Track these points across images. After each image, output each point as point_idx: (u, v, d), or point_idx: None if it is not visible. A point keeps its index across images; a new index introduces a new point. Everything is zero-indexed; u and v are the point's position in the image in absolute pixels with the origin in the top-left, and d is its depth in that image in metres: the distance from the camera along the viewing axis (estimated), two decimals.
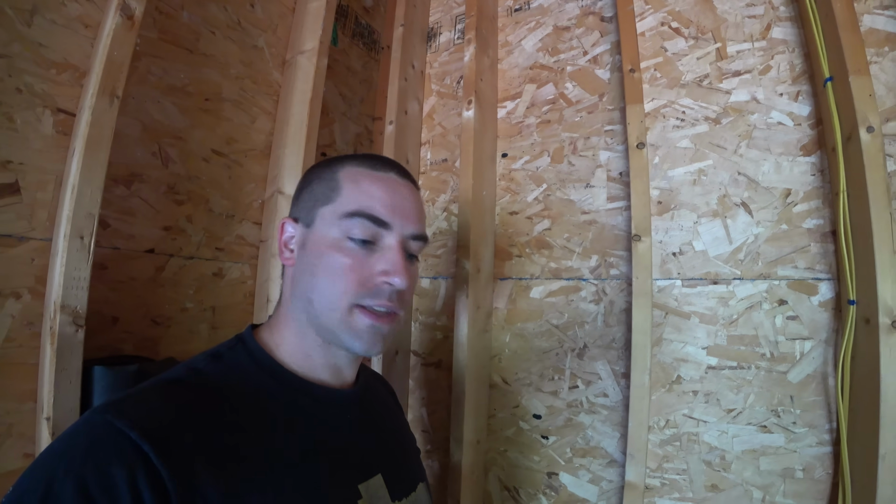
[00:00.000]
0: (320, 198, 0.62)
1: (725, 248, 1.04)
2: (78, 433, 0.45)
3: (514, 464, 1.21)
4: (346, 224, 0.59)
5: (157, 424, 0.46)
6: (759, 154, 1.04)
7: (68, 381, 0.77)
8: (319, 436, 0.59)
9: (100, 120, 0.81)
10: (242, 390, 0.56)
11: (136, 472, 0.42)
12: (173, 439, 0.46)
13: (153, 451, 0.43)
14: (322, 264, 0.59)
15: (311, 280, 0.59)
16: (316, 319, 0.59)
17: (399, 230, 0.60)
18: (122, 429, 0.43)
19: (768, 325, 0.99)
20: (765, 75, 1.05)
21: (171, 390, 0.53)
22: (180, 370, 0.56)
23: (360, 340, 0.58)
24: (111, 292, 0.91)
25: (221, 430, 0.50)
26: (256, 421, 0.54)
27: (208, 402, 0.52)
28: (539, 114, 1.30)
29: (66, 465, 0.41)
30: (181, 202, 1.02)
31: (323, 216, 0.61)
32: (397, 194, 0.62)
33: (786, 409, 0.96)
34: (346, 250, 0.58)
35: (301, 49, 1.17)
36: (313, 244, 0.61)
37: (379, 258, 0.59)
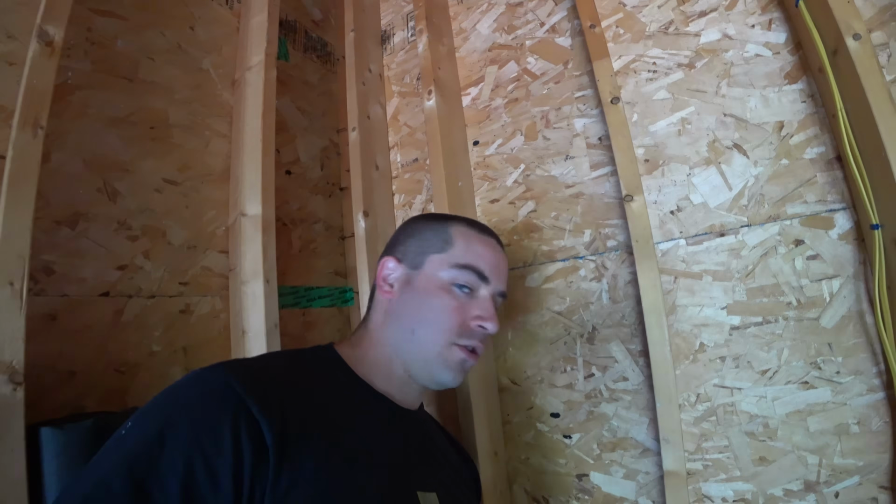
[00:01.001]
0: (433, 244, 0.73)
1: (726, 195, 0.96)
2: (191, 382, 0.52)
3: (539, 471, 1.10)
4: (457, 273, 0.70)
5: (260, 382, 0.54)
6: (743, 91, 0.96)
7: (10, 450, 0.67)
8: (381, 440, 0.64)
9: (23, 153, 0.75)
10: (326, 380, 0.65)
11: (239, 420, 0.48)
12: (273, 397, 0.53)
13: (255, 404, 0.50)
14: (430, 303, 0.69)
15: (417, 314, 0.69)
16: (412, 348, 0.68)
17: (494, 285, 0.72)
18: (230, 381, 0.51)
19: (788, 269, 0.89)
20: (732, 10, 0.99)
21: (269, 360, 0.64)
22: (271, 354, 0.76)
23: (451, 372, 0.68)
24: (65, 344, 0.83)
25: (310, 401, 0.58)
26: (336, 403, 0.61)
27: (300, 377, 0.61)
28: (505, 94, 1.24)
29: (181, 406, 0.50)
30: (135, 238, 0.95)
31: (433, 262, 0.72)
32: (496, 257, 0.74)
33: (826, 359, 0.85)
34: (454, 294, 0.69)
35: (248, 65, 1.12)
36: (422, 285, 0.71)
37: (476, 305, 0.70)
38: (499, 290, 0.73)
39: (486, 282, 0.71)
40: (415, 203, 1.35)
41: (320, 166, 1.33)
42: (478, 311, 0.69)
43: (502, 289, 0.74)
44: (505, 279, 0.75)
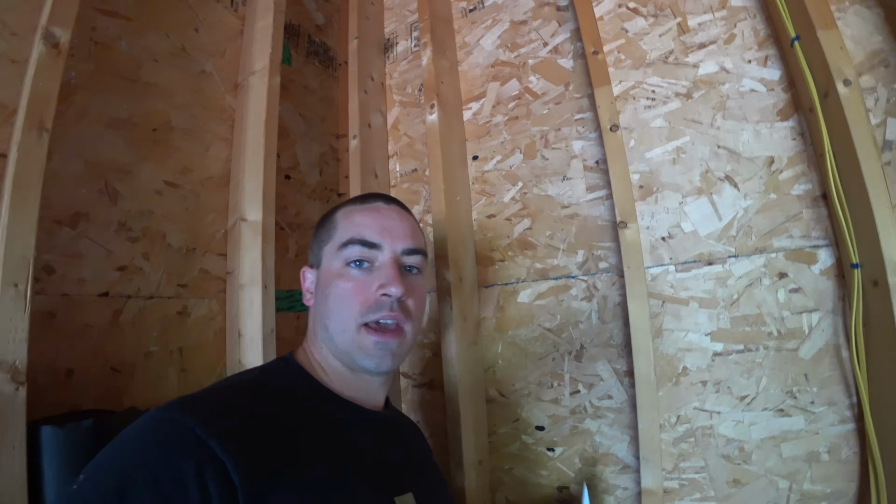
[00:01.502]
0: (324, 239, 0.72)
1: (716, 225, 0.99)
2: (148, 428, 0.49)
3: (521, 481, 1.13)
4: (344, 253, 0.67)
5: (221, 422, 0.50)
6: (737, 124, 0.99)
7: (11, 447, 0.69)
8: (359, 445, 0.63)
9: (28, 156, 0.75)
10: (291, 397, 0.62)
11: (203, 464, 0.45)
12: (236, 436, 0.49)
13: (218, 446, 0.47)
14: (332, 293, 0.66)
15: (325, 309, 0.67)
16: (333, 344, 0.66)
17: (390, 248, 0.67)
18: (189, 424, 0.48)
19: (771, 300, 0.93)
20: (730, 44, 1.01)
21: (228, 393, 0.59)
22: (234, 378, 0.66)
23: (369, 357, 0.64)
24: (64, 343, 0.84)
25: (275, 430, 0.55)
26: (304, 427, 0.59)
27: (261, 404, 0.58)
28: (506, 111, 1.26)
29: (138, 456, 0.46)
30: (135, 239, 0.96)
31: (327, 254, 0.70)
32: (384, 218, 0.70)
33: (802, 389, 0.89)
34: (348, 276, 0.66)
35: (252, 70, 1.12)
36: (323, 280, 0.69)
37: (376, 276, 0.66)
38: (399, 249, 0.68)
39: (377, 247, 0.67)
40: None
41: (319, 172, 1.34)
42: (379, 281, 0.65)
43: (405, 246, 0.69)
44: (406, 235, 0.69)
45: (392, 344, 0.65)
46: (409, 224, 0.72)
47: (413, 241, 0.70)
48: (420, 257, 0.71)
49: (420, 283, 0.72)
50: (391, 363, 0.66)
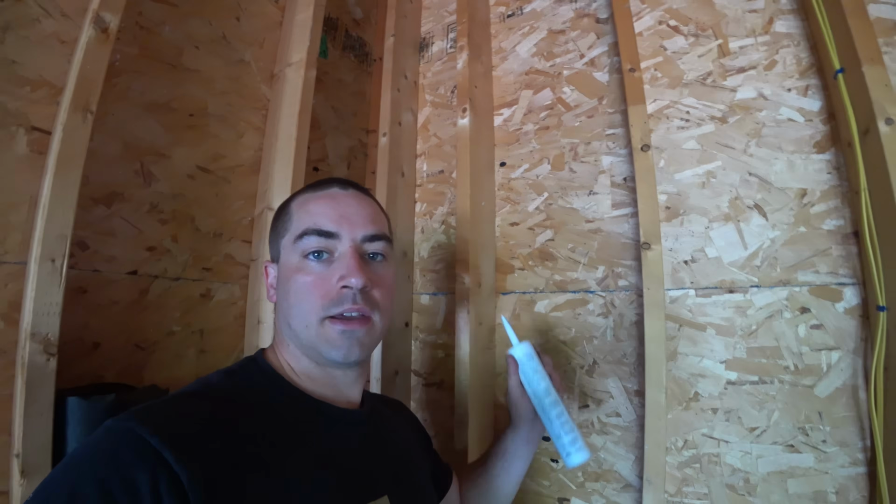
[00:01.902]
0: (280, 232, 0.68)
1: (740, 253, 0.98)
2: (101, 440, 0.46)
3: (522, 489, 1.12)
4: (300, 245, 0.63)
5: (177, 432, 0.48)
6: (770, 153, 0.98)
7: (39, 415, 0.72)
8: (328, 451, 0.60)
9: (72, 136, 0.78)
10: (255, 403, 0.59)
11: (157, 476, 0.43)
12: (192, 446, 0.47)
13: (173, 457, 0.44)
14: (291, 289, 0.63)
15: (287, 306, 0.64)
16: (298, 340, 0.63)
17: (349, 236, 0.63)
18: (143, 435, 0.45)
19: (791, 335, 0.92)
20: (770, 70, 1.00)
21: (189, 401, 0.55)
22: (196, 385, 0.60)
23: (336, 348, 0.61)
24: (91, 317, 0.87)
25: (238, 439, 0.52)
26: (269, 432, 0.56)
27: (224, 412, 0.55)
28: (537, 120, 1.26)
29: (89, 470, 0.43)
30: (165, 221, 0.98)
31: (284, 247, 0.66)
32: (340, 204, 0.66)
33: (814, 427, 0.89)
34: (307, 270, 0.63)
35: (289, 61, 1.14)
36: (283, 274, 0.66)
37: (336, 267, 0.62)
38: (359, 236, 0.64)
39: (335, 237, 0.63)
40: (435, 214, 1.38)
41: (347, 166, 1.36)
42: (339, 272, 0.61)
43: (364, 233, 0.64)
44: (365, 220, 0.65)
45: (359, 332, 0.61)
46: (368, 209, 0.68)
47: (374, 226, 0.66)
48: (383, 243, 0.67)
49: (386, 272, 0.68)
50: (359, 353, 0.62)
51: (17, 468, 0.70)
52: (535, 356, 0.83)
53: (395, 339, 1.27)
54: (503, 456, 0.88)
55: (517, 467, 0.88)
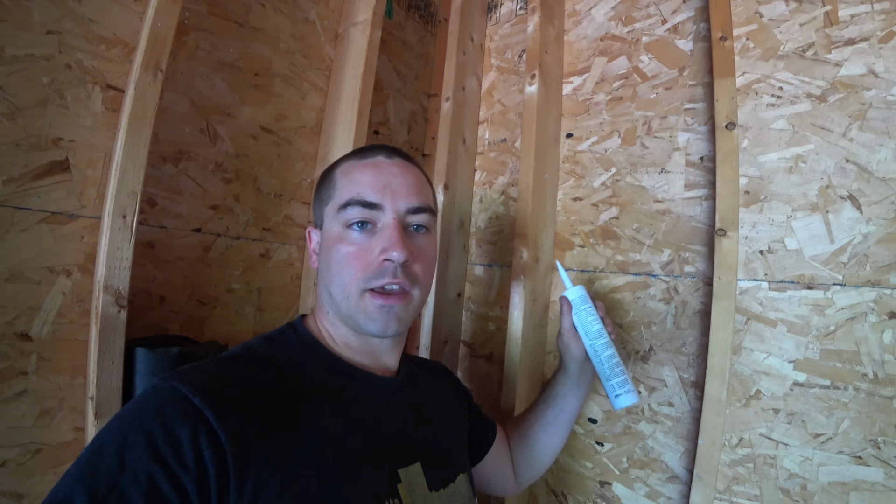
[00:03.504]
0: (324, 199, 0.68)
1: (825, 247, 0.90)
2: (148, 397, 0.50)
3: (563, 468, 1.14)
4: (344, 215, 0.63)
5: (217, 392, 0.51)
6: (875, 138, 0.87)
7: (111, 362, 0.77)
8: (363, 417, 0.61)
9: (143, 95, 0.79)
10: (293, 368, 0.61)
11: (198, 432, 0.46)
12: (231, 406, 0.50)
13: (213, 415, 0.48)
14: (333, 258, 0.63)
15: (328, 275, 0.65)
16: (337, 309, 0.64)
17: (393, 208, 0.63)
18: (187, 394, 0.49)
19: (874, 340, 0.85)
20: (886, 43, 0.88)
21: (230, 364, 0.58)
22: (237, 349, 0.63)
23: (373, 322, 0.62)
24: (158, 271, 0.91)
25: (274, 402, 0.55)
26: (305, 396, 0.58)
27: (262, 376, 0.58)
28: (609, 90, 1.18)
29: (137, 423, 0.46)
30: (229, 181, 1.00)
31: (328, 214, 0.66)
32: (385, 174, 0.65)
33: (888, 441, 0.82)
34: (349, 240, 0.63)
35: (354, 21, 1.11)
36: (326, 242, 0.66)
37: (378, 239, 0.62)
38: (403, 207, 0.64)
39: (378, 208, 0.62)
40: (496, 183, 1.34)
41: (407, 130, 1.33)
42: (380, 244, 0.61)
43: (409, 204, 0.64)
44: (410, 192, 0.65)
45: (397, 307, 0.62)
46: (413, 179, 0.67)
47: (418, 198, 0.65)
48: (427, 215, 0.66)
49: (428, 244, 0.68)
50: (397, 327, 0.63)
51: (92, 410, 0.76)
52: (588, 299, 0.86)
53: (447, 308, 1.26)
54: (554, 401, 0.91)
55: (568, 412, 0.91)
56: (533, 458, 0.93)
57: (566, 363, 0.89)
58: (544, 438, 0.92)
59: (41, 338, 0.76)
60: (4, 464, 0.72)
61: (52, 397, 0.78)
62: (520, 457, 0.93)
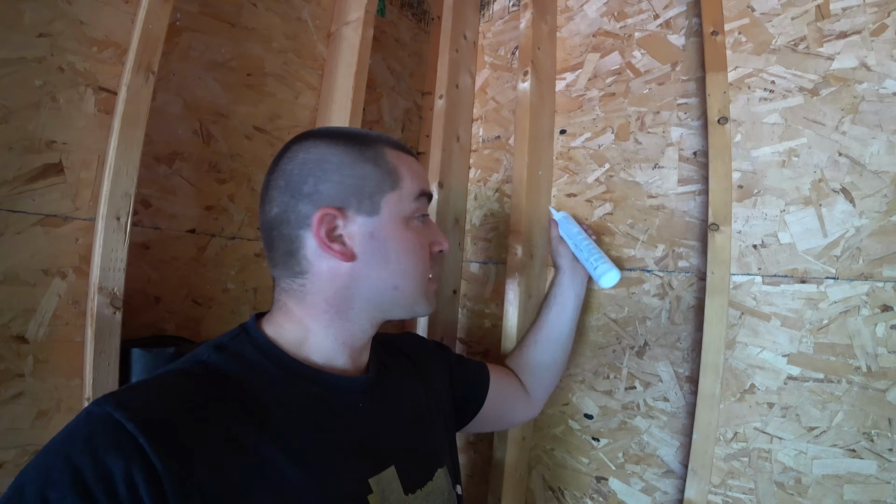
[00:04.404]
0: (382, 183, 0.61)
1: (818, 241, 0.90)
2: (78, 425, 0.45)
3: (560, 464, 1.14)
4: (417, 205, 0.64)
5: (156, 417, 0.46)
6: (867, 131, 0.87)
7: (107, 363, 0.78)
8: (328, 426, 0.58)
9: (136, 97, 0.80)
10: (246, 380, 0.56)
11: (131, 464, 0.41)
12: (171, 432, 0.45)
13: (149, 445, 0.43)
14: (404, 249, 0.62)
15: (395, 267, 0.62)
16: (393, 302, 0.63)
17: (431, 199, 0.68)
18: (120, 420, 0.44)
19: (867, 333, 0.85)
20: (878, 36, 0.88)
21: (174, 381, 0.53)
22: (184, 361, 0.57)
23: (430, 304, 0.67)
24: (154, 272, 0.91)
25: (224, 422, 0.50)
26: (260, 411, 0.53)
27: (211, 393, 0.52)
28: (602, 86, 1.18)
29: (63, 455, 0.42)
30: (223, 181, 1.00)
31: (390, 202, 0.61)
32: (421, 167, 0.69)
33: (881, 434, 0.82)
34: (417, 230, 0.65)
35: (346, 20, 1.11)
36: (388, 232, 0.61)
37: (429, 231, 0.67)
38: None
39: (430, 200, 0.68)
40: (490, 181, 1.34)
41: (401, 128, 1.33)
42: (432, 237, 0.68)
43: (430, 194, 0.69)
44: None
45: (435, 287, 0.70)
46: None
47: None
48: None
49: None
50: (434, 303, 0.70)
51: None
52: (570, 217, 1.05)
53: (443, 305, 1.27)
54: (554, 299, 1.01)
55: (568, 307, 1.01)
56: (545, 364, 1.00)
57: (558, 264, 1.04)
58: (553, 338, 1.00)
59: (37, 340, 0.77)
60: (2, 466, 0.73)
61: (49, 399, 0.78)
62: (531, 371, 0.99)
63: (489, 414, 0.91)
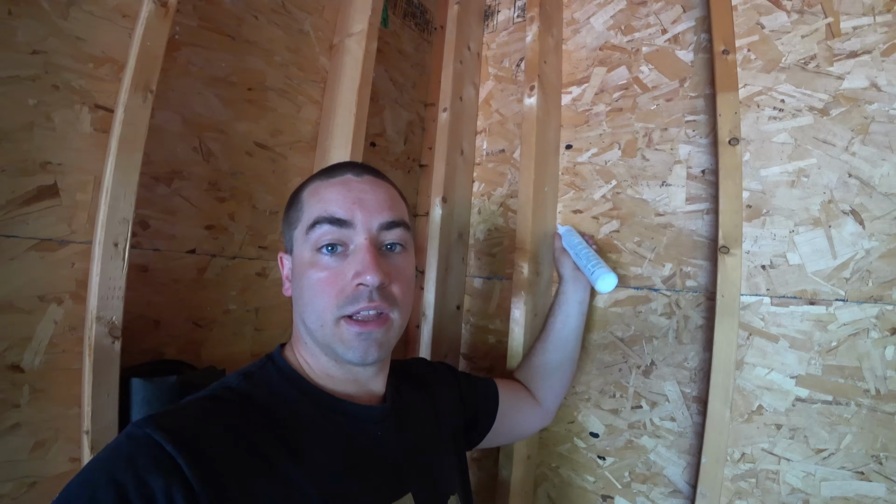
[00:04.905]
0: (292, 222, 0.65)
1: (828, 262, 0.90)
2: (120, 445, 0.48)
3: (566, 482, 1.13)
4: (313, 236, 0.60)
5: (192, 438, 0.48)
6: (877, 152, 0.87)
7: (106, 395, 0.75)
8: (349, 453, 0.60)
9: (133, 118, 0.77)
10: (274, 406, 0.59)
11: (171, 483, 0.44)
12: (206, 453, 0.48)
13: (186, 464, 0.45)
14: (305, 284, 0.61)
15: (301, 303, 0.62)
16: (314, 338, 0.62)
17: (365, 225, 0.60)
18: (160, 441, 0.46)
19: (876, 356, 0.85)
20: (889, 56, 0.87)
21: (207, 406, 0.56)
22: (215, 388, 0.60)
23: (351, 350, 0.59)
24: (153, 295, 0.89)
25: (255, 444, 0.53)
26: (287, 436, 0.56)
27: (240, 417, 0.55)
28: (609, 101, 1.16)
29: (107, 474, 0.44)
30: (223, 199, 0.98)
31: (297, 238, 0.63)
32: (354, 190, 0.62)
33: (890, 456, 0.82)
34: (320, 265, 0.60)
35: (349, 32, 1.08)
36: (297, 268, 0.63)
37: (350, 262, 0.59)
38: (375, 224, 0.61)
39: (349, 225, 0.60)
40: (494, 195, 1.33)
41: (404, 140, 1.31)
42: (353, 268, 0.58)
43: (381, 220, 0.61)
44: (382, 207, 0.62)
45: (376, 333, 0.59)
46: (384, 194, 0.64)
47: (391, 212, 0.62)
48: (401, 230, 0.64)
49: (405, 263, 0.65)
50: (377, 353, 0.60)
51: (87, 444, 0.74)
52: (573, 230, 1.10)
53: (447, 321, 1.25)
54: (558, 309, 1.04)
55: (573, 315, 1.03)
56: (553, 370, 1.01)
57: (562, 273, 1.07)
58: (559, 344, 1.01)
59: (33, 369, 0.74)
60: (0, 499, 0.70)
61: (47, 429, 0.76)
62: (540, 379, 1.00)
63: (503, 427, 0.91)
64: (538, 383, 0.99)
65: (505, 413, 0.91)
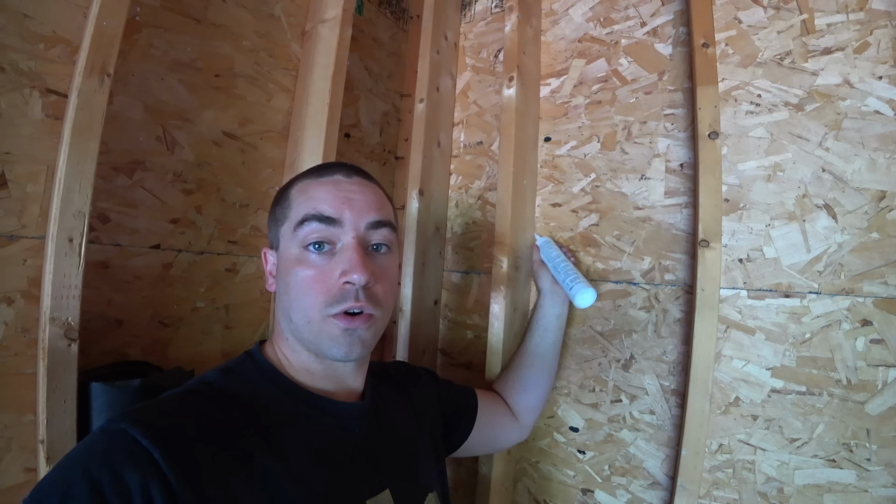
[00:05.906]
0: (280, 219, 0.65)
1: (802, 256, 0.91)
2: (95, 440, 0.47)
3: (546, 476, 1.13)
4: (301, 234, 0.61)
5: (169, 433, 0.48)
6: (850, 148, 0.89)
7: (62, 401, 0.70)
8: (327, 449, 0.60)
9: (88, 103, 0.71)
10: (252, 401, 0.59)
11: (148, 478, 0.44)
12: (183, 448, 0.48)
13: (163, 459, 0.45)
14: (292, 281, 0.61)
15: (287, 299, 0.62)
16: (298, 334, 0.62)
17: (353, 224, 0.61)
18: (136, 436, 0.46)
19: (847, 347, 0.87)
20: (861, 54, 0.89)
21: (185, 400, 0.56)
22: (193, 383, 0.60)
23: (337, 346, 0.60)
24: (114, 293, 0.84)
25: (232, 439, 0.53)
26: (266, 431, 0.56)
27: (219, 412, 0.55)
28: (588, 93, 1.15)
29: (81, 470, 0.43)
30: (190, 192, 0.93)
31: (284, 235, 0.64)
32: (344, 190, 0.63)
33: (860, 444, 0.85)
34: (308, 262, 0.60)
35: (323, 18, 1.04)
36: (283, 264, 0.63)
37: (338, 260, 0.60)
38: (363, 223, 0.62)
39: (337, 223, 0.60)
40: (472, 188, 1.30)
41: (379, 132, 1.27)
42: (340, 267, 0.59)
43: (369, 219, 0.62)
44: (370, 206, 0.63)
45: (360, 330, 0.60)
46: (373, 195, 0.65)
47: (378, 213, 0.63)
48: (388, 230, 0.65)
49: (390, 264, 0.66)
50: (361, 350, 0.61)
51: (43, 454, 0.69)
52: (552, 242, 1.09)
53: (424, 317, 1.23)
54: (535, 325, 1.04)
55: (550, 330, 1.03)
56: (530, 387, 1.00)
57: (540, 287, 1.07)
58: (536, 362, 1.01)
59: None
60: None
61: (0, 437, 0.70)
62: (517, 394, 0.99)
63: (479, 438, 0.91)
64: (515, 398, 0.99)
65: (483, 422, 0.91)
